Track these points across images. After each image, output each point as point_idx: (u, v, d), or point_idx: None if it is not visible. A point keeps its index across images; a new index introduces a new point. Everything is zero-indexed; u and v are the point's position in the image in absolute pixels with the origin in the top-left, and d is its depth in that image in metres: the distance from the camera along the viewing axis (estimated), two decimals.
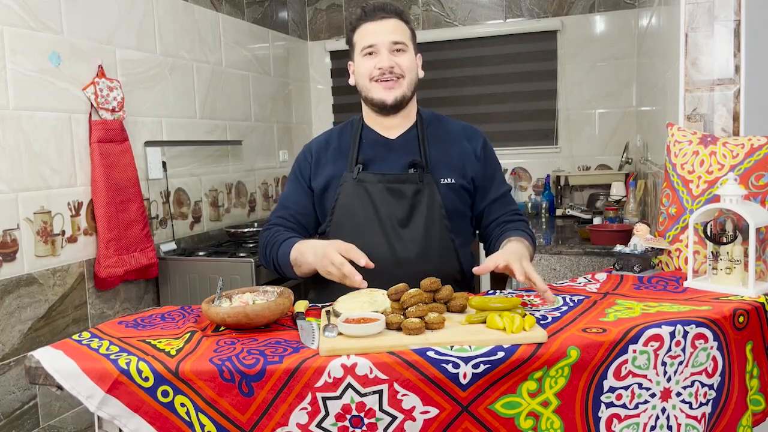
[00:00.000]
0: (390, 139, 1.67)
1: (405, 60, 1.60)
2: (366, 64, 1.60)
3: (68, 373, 1.14)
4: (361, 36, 1.62)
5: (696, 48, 1.89)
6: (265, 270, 2.91)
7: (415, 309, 1.20)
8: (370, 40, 1.59)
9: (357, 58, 1.64)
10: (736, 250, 1.39)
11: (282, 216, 1.68)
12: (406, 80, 1.60)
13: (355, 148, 1.65)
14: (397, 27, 1.60)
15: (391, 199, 1.60)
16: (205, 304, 1.32)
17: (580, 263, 2.68)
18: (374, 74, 1.59)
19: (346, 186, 1.62)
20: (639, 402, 1.15)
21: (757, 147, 1.51)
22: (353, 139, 1.67)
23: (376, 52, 1.59)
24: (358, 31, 1.64)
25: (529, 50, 4.19)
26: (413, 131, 1.67)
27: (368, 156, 1.64)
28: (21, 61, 2.39)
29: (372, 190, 1.60)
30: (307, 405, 1.08)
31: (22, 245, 2.39)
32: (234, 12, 3.76)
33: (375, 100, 1.61)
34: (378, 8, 1.61)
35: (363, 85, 1.63)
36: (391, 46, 1.58)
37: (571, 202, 4.05)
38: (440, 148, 1.66)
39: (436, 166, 1.63)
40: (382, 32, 1.58)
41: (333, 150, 1.69)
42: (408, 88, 1.61)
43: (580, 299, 1.39)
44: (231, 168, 3.73)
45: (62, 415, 2.57)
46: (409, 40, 1.62)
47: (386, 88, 1.59)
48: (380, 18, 1.60)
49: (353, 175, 1.61)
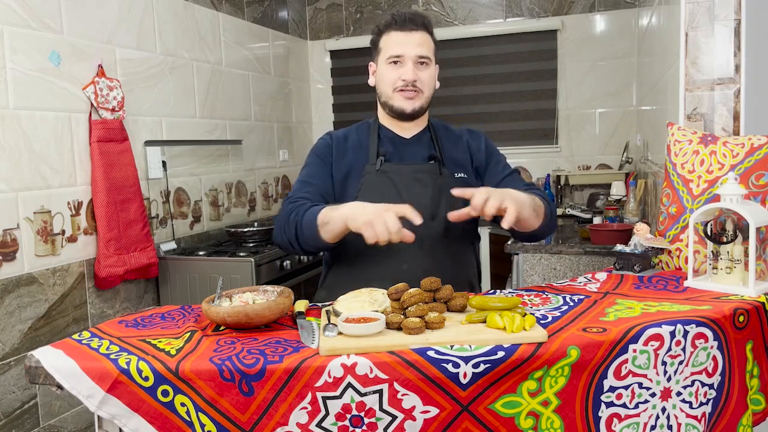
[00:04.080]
0: (405, 138, 1.74)
1: (427, 75, 1.66)
2: (391, 74, 1.65)
3: (68, 372, 1.14)
4: (388, 43, 1.66)
5: (696, 47, 1.89)
6: (265, 269, 2.92)
7: (415, 308, 1.20)
8: (398, 51, 1.64)
9: (381, 64, 1.68)
10: (737, 249, 1.39)
11: (308, 191, 1.65)
12: (425, 94, 1.68)
13: (374, 142, 1.71)
14: (424, 40, 1.66)
15: (416, 187, 1.65)
16: (205, 303, 1.32)
17: (580, 263, 2.68)
18: (398, 85, 1.65)
19: (369, 176, 1.66)
20: (639, 401, 1.15)
21: (758, 146, 1.51)
22: (372, 135, 1.73)
23: (402, 63, 1.64)
24: (386, 37, 1.67)
25: (529, 50, 4.19)
26: (427, 133, 1.76)
27: (388, 150, 1.70)
28: (21, 60, 2.39)
29: (396, 180, 1.65)
30: (307, 404, 1.08)
31: (22, 245, 2.39)
32: (234, 11, 3.76)
33: (395, 108, 1.68)
34: (409, 19, 1.65)
35: (385, 92, 1.68)
36: (417, 59, 1.64)
37: (571, 202, 4.05)
38: (450, 147, 1.75)
39: (449, 162, 1.72)
40: (410, 44, 1.63)
41: (352, 143, 1.74)
42: (426, 101, 1.69)
43: (580, 299, 1.39)
44: (231, 167, 3.73)
45: (62, 414, 2.57)
46: (432, 54, 1.68)
47: (407, 98, 1.66)
48: (410, 29, 1.64)
49: (376, 167, 1.66)
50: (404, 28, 1.64)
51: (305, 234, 1.53)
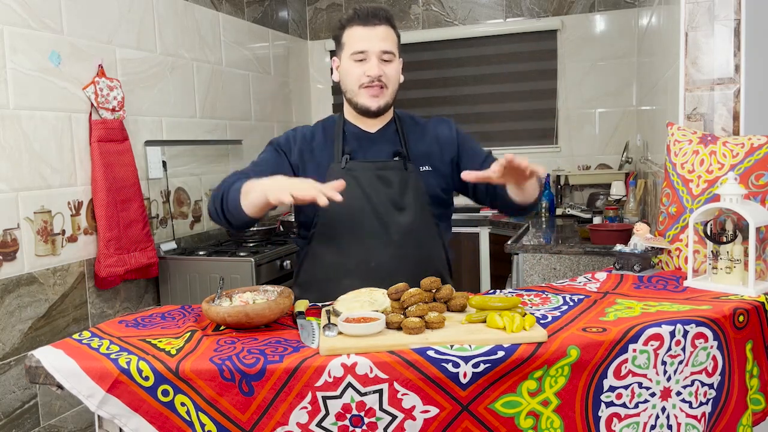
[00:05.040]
0: (371, 133, 1.73)
1: (391, 70, 1.66)
2: (355, 70, 1.64)
3: (68, 372, 1.14)
4: (351, 39, 1.65)
5: (696, 47, 1.89)
6: (265, 269, 2.92)
7: (415, 308, 1.21)
8: (362, 46, 1.63)
9: (345, 59, 1.67)
10: (736, 249, 1.39)
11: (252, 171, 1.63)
12: (390, 90, 1.67)
13: (339, 140, 1.71)
14: (388, 35, 1.65)
15: (381, 185, 1.66)
16: (206, 303, 1.32)
17: (580, 263, 2.68)
18: (363, 81, 1.64)
19: (334, 175, 1.63)
20: (639, 401, 1.15)
21: (757, 146, 1.51)
22: (337, 133, 1.73)
23: (366, 59, 1.63)
24: (349, 32, 1.66)
25: (529, 49, 4.19)
26: (392, 126, 1.75)
27: (353, 147, 1.70)
28: (21, 60, 2.39)
29: (361, 178, 1.65)
30: (307, 404, 1.09)
31: (23, 244, 2.39)
32: (234, 11, 3.76)
33: (360, 106, 1.67)
34: (371, 14, 1.64)
35: (350, 88, 1.68)
36: (381, 55, 1.63)
37: (571, 202, 4.05)
38: (416, 139, 1.74)
39: (415, 156, 1.71)
40: (374, 39, 1.63)
41: (318, 142, 1.73)
42: (391, 97, 1.69)
43: (580, 298, 1.39)
44: (231, 167, 3.73)
45: (62, 414, 2.57)
46: (396, 48, 1.68)
47: (372, 95, 1.65)
48: (373, 24, 1.63)
49: (341, 165, 1.66)
50: (367, 23, 1.63)
51: (229, 205, 1.50)
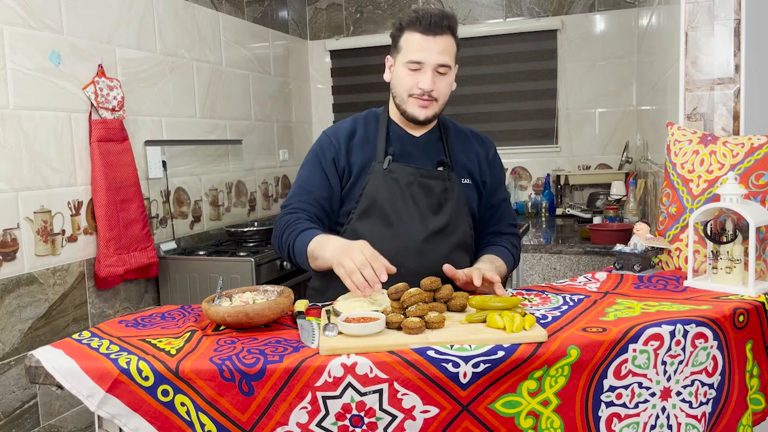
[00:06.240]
0: (415, 137, 1.70)
1: (445, 84, 1.61)
2: (408, 79, 1.59)
3: (68, 372, 1.14)
4: (409, 45, 1.57)
5: (696, 47, 1.89)
6: (265, 269, 2.92)
7: (415, 308, 1.21)
8: (419, 57, 1.56)
9: (399, 65, 1.61)
10: (736, 249, 1.39)
11: (304, 200, 1.64)
12: (440, 102, 1.63)
13: (383, 139, 1.67)
14: (447, 46, 1.58)
15: (421, 192, 1.63)
16: (206, 303, 1.32)
17: (580, 262, 2.68)
18: (414, 92, 1.59)
19: (375, 175, 1.62)
20: (639, 401, 1.15)
21: (757, 146, 1.51)
22: (380, 131, 1.68)
23: (421, 70, 1.57)
24: (408, 36, 1.58)
25: (529, 49, 4.19)
26: (436, 132, 1.72)
27: (396, 149, 1.66)
28: (21, 60, 2.39)
29: (402, 182, 1.62)
30: (307, 404, 1.08)
31: (23, 244, 2.39)
32: (234, 11, 3.76)
33: (408, 114, 1.63)
34: (434, 22, 1.55)
35: (399, 95, 1.63)
36: (437, 68, 1.57)
37: (571, 202, 4.05)
38: (459, 150, 1.72)
39: (458, 168, 1.69)
40: (433, 51, 1.55)
41: (359, 138, 1.69)
42: (440, 108, 1.64)
43: (580, 298, 1.39)
44: (231, 167, 3.73)
45: (62, 414, 2.57)
46: (454, 59, 1.62)
47: (421, 106, 1.61)
48: (434, 33, 1.55)
49: (383, 165, 1.63)
50: (428, 32, 1.55)
51: (298, 260, 1.55)
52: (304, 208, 1.62)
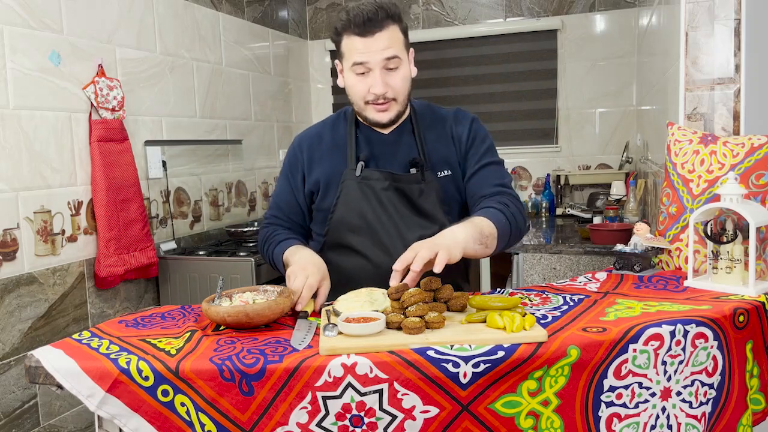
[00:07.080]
0: (385, 135, 1.63)
1: (398, 79, 1.51)
2: (360, 86, 1.51)
3: (68, 372, 1.14)
4: (350, 49, 1.49)
5: (696, 47, 1.89)
6: (265, 269, 2.92)
7: (415, 308, 1.20)
8: (361, 58, 1.47)
9: (347, 71, 1.53)
10: (737, 249, 1.39)
11: (276, 216, 1.71)
12: (399, 100, 1.54)
13: (352, 144, 1.61)
14: (390, 38, 1.47)
15: (397, 197, 1.58)
16: (205, 303, 1.32)
17: (580, 262, 2.68)
18: (368, 98, 1.52)
19: (349, 183, 1.58)
20: (639, 401, 1.15)
21: (758, 146, 1.51)
22: (349, 134, 1.63)
23: (368, 71, 1.49)
24: (347, 40, 1.49)
25: (529, 49, 4.19)
26: (408, 125, 1.64)
27: (366, 153, 1.60)
28: (21, 60, 2.39)
29: (377, 188, 1.57)
30: (307, 404, 1.08)
31: (22, 244, 2.39)
32: (234, 11, 3.76)
33: (369, 120, 1.58)
34: (368, 20, 1.44)
35: (356, 102, 1.56)
36: (385, 63, 1.47)
37: (571, 202, 4.05)
38: (434, 139, 1.63)
39: (433, 161, 1.61)
40: (374, 50, 1.46)
41: (327, 144, 1.64)
42: (402, 105, 1.56)
43: (580, 298, 1.39)
44: (231, 167, 3.73)
45: (62, 414, 2.57)
46: (402, 47, 1.50)
47: (380, 111, 1.53)
48: (371, 32, 1.45)
49: (356, 172, 1.58)
50: (365, 33, 1.45)
51: (280, 270, 1.61)
52: (279, 223, 1.70)
